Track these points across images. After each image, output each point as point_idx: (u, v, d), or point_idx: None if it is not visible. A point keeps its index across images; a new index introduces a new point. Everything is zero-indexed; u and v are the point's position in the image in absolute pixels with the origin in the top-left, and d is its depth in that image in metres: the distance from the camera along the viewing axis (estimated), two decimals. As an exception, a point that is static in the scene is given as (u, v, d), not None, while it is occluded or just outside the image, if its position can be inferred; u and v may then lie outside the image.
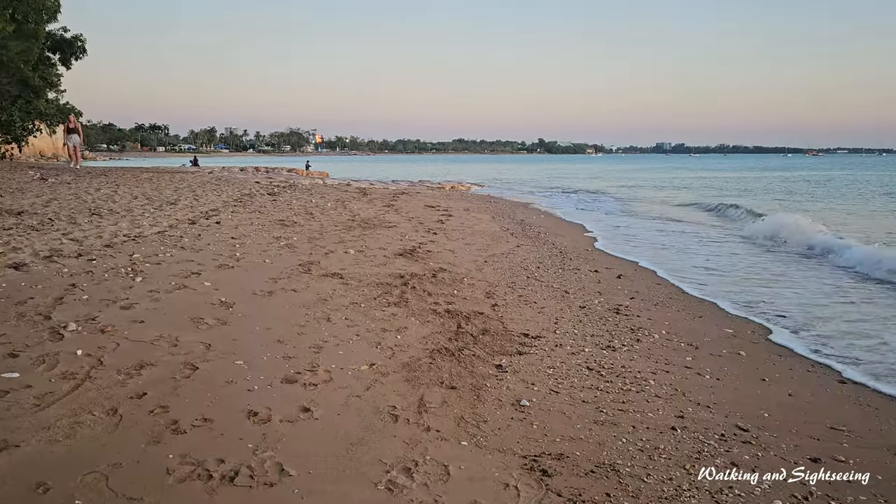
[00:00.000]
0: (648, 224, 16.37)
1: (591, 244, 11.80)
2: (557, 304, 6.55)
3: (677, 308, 6.83)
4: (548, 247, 10.76)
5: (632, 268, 9.28)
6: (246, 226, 10.09)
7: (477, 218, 14.49)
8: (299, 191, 18.74)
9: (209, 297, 5.53)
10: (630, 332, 5.61)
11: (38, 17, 26.59)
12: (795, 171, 65.94)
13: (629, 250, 11.25)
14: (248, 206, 13.06)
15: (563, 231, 13.55)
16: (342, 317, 5.30)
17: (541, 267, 8.65)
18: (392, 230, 11.14)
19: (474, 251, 9.61)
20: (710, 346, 5.41)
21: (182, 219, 10.18)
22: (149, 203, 11.97)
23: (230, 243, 8.27)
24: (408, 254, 8.69)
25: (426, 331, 5.13)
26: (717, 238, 13.54)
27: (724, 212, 19.16)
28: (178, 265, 6.68)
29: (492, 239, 11.11)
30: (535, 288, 7.26)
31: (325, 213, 12.94)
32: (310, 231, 10.11)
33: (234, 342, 4.40)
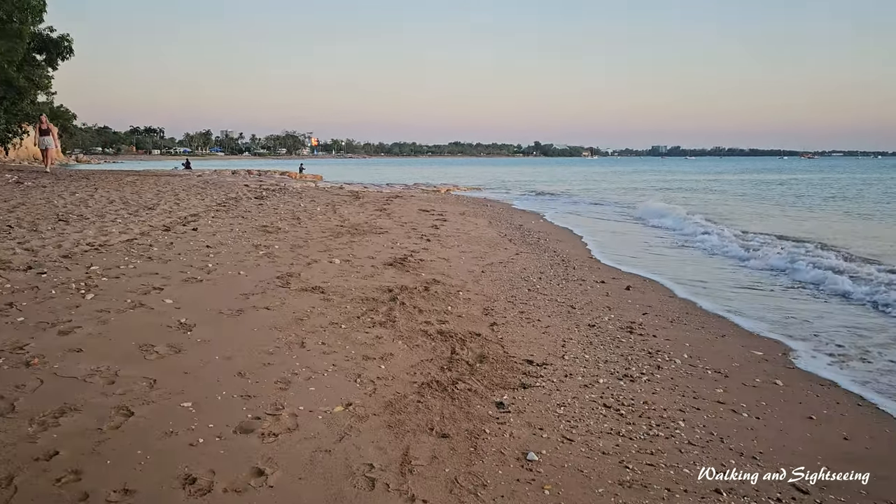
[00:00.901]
0: (647, 230, 15.72)
1: (592, 252, 11.12)
2: (563, 321, 5.87)
3: (696, 325, 6.15)
4: (549, 254, 10.08)
5: (639, 278, 8.61)
6: (225, 232, 9.39)
7: (473, 223, 13.81)
8: (289, 194, 18.04)
9: (167, 317, 4.83)
10: (648, 357, 4.93)
11: (23, 17, 25.85)
12: (774, 174, 65.32)
13: (631, 256, 10.59)
14: (232, 211, 12.35)
15: (563, 237, 12.87)
16: (318, 341, 4.60)
17: (543, 277, 7.97)
18: (383, 237, 10.45)
19: (470, 259, 8.92)
20: (741, 373, 4.73)
21: (157, 225, 9.46)
22: (124, 208, 11.25)
23: (203, 253, 7.57)
24: (398, 263, 8.01)
25: (415, 358, 4.44)
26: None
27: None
28: (139, 279, 5.98)
29: (489, 246, 10.43)
30: (538, 302, 6.58)
31: (313, 219, 12.24)
32: (294, 238, 9.41)
33: (185, 377, 3.70)
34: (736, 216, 19.07)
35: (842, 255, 10.54)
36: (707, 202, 25.91)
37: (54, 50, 27.83)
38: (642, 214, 18.32)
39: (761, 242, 11.99)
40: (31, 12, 26.14)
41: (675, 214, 16.92)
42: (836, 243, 12.28)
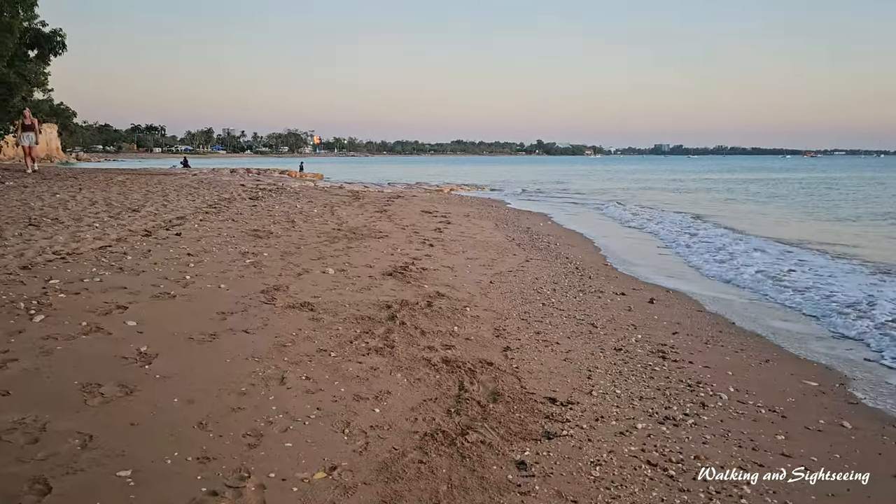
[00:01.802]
0: (662, 233, 14.98)
1: (607, 258, 10.40)
2: (585, 344, 5.15)
3: (734, 347, 5.43)
4: (561, 261, 9.36)
5: (661, 289, 7.88)
6: (211, 237, 8.68)
7: (479, 226, 13.09)
8: (286, 195, 17.34)
9: (125, 345, 4.12)
10: (689, 391, 4.21)
11: (13, 11, 25.16)
12: (768, 173, 64.61)
13: (649, 263, 9.87)
14: (222, 214, 11.65)
15: (573, 241, 12.14)
16: (302, 375, 3.89)
17: (557, 289, 7.25)
18: (383, 241, 9.74)
19: (477, 268, 8.20)
20: (799, 411, 4.01)
21: (137, 229, 8.76)
22: (106, 210, 10.55)
23: (183, 262, 6.86)
24: (399, 273, 7.29)
25: (416, 396, 3.73)
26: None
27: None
28: (103, 295, 5.27)
29: (497, 251, 9.71)
30: (555, 319, 5.86)
31: (309, 221, 11.53)
32: (285, 244, 8.69)
33: (131, 431, 2.99)
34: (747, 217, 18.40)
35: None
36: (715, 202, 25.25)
37: (46, 45, 27.13)
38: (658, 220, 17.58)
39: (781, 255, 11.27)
40: (21, 6, 25.48)
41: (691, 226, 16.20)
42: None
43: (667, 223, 15.97)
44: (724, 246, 11.70)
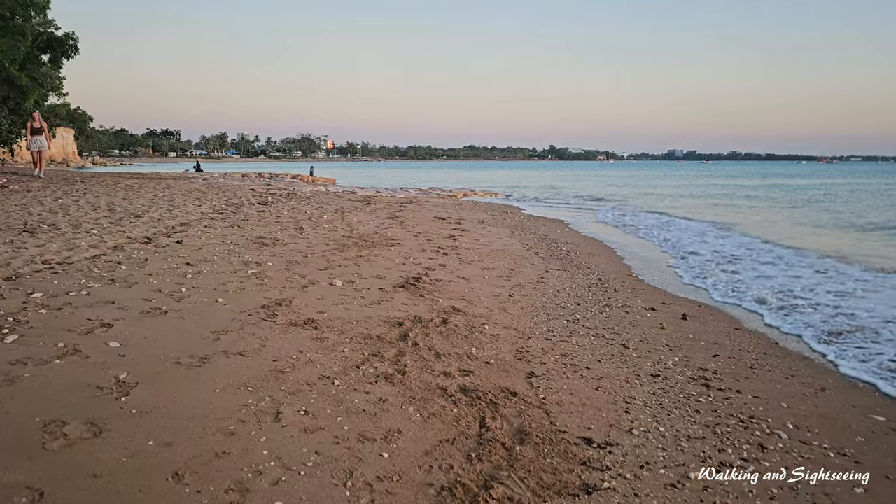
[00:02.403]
0: (685, 240, 14.38)
1: (631, 268, 9.85)
2: (618, 369, 4.63)
3: (783, 372, 4.89)
4: (582, 272, 8.83)
5: (693, 304, 7.34)
6: (214, 245, 8.24)
7: (494, 233, 12.58)
8: (296, 199, 16.94)
9: (103, 371, 3.66)
10: (742, 429, 3.67)
11: (25, 14, 25.03)
12: (789, 178, 63.48)
13: (676, 274, 9.31)
14: (229, 220, 11.22)
15: (594, 250, 11.60)
16: (300, 408, 3.40)
17: (582, 303, 6.73)
18: (394, 250, 9.27)
19: (495, 279, 7.70)
20: (872, 453, 3.46)
21: (137, 236, 8.34)
22: (108, 215, 10.15)
23: (181, 273, 6.41)
24: (411, 284, 6.81)
25: (431, 436, 3.23)
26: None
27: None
28: (88, 310, 4.82)
29: (514, 261, 9.20)
30: (582, 339, 5.34)
31: (318, 228, 11.08)
32: (292, 252, 8.24)
33: (93, 484, 2.51)
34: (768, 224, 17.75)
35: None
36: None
37: (59, 49, 26.95)
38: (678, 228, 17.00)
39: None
40: (34, 9, 25.34)
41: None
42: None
43: (692, 232, 15.38)
44: (756, 257, 11.12)
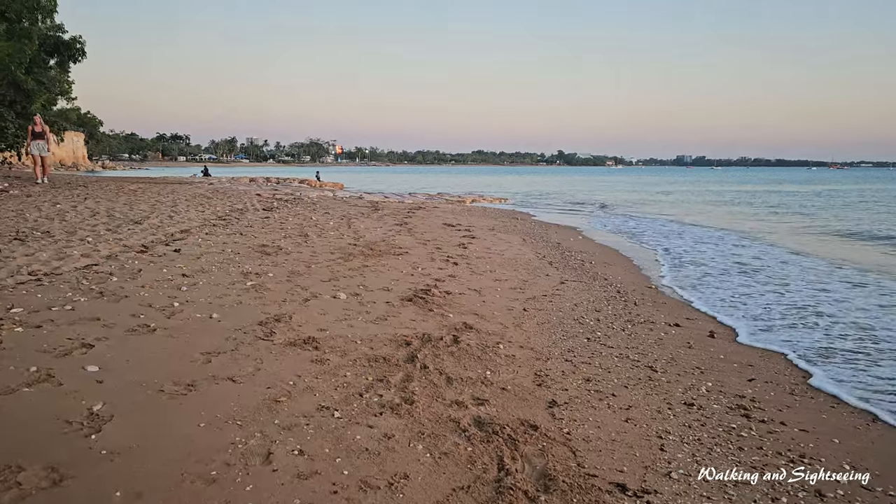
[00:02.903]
0: (707, 249, 13.91)
1: (650, 279, 9.41)
2: (648, 396, 4.21)
3: (827, 401, 4.45)
4: (599, 283, 8.40)
5: (719, 321, 6.90)
6: (213, 255, 7.87)
7: (506, 241, 12.17)
8: (302, 205, 16.59)
9: (75, 401, 3.27)
10: (794, 470, 3.25)
11: (32, 18, 24.89)
12: (804, 185, 62.70)
13: (699, 285, 8.86)
14: (231, 226, 10.87)
15: (609, 258, 11.17)
16: (294, 447, 3.00)
17: (601, 319, 6.31)
18: (402, 259, 8.87)
19: (508, 291, 7.29)
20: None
21: (134, 244, 7.98)
22: (107, 222, 9.82)
23: (175, 284, 6.03)
24: (419, 297, 6.41)
25: (443, 482, 2.82)
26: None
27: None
28: (69, 328, 4.44)
29: (528, 271, 8.79)
30: (605, 360, 4.92)
31: (323, 235, 10.71)
32: (294, 262, 7.86)
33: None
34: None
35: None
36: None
37: (66, 52, 26.84)
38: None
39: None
40: (41, 13, 25.20)
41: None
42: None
43: (710, 240, 14.91)
44: (781, 268, 10.66)
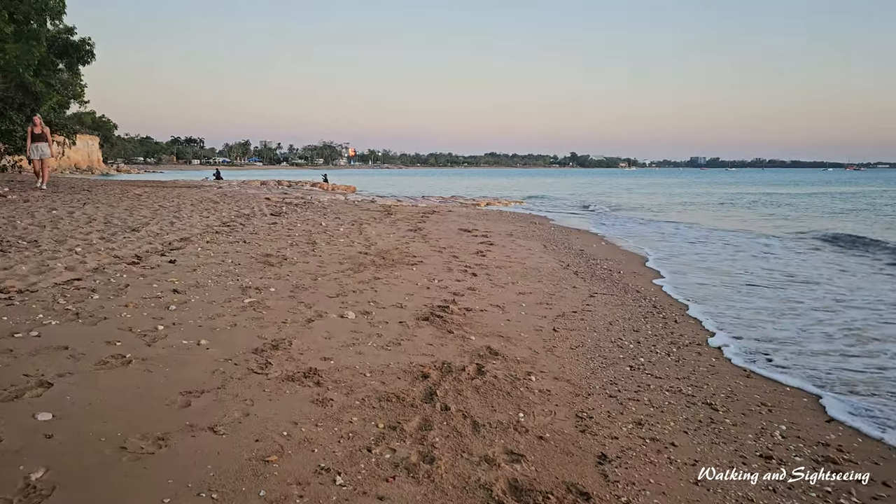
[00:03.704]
0: (736, 257, 13.10)
1: (685, 292, 8.66)
2: (714, 446, 3.48)
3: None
4: (632, 296, 7.68)
5: (770, 339, 6.16)
6: (211, 265, 7.24)
7: (526, 248, 11.47)
8: (312, 210, 15.98)
9: (11, 468, 2.62)
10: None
11: (41, 19, 24.53)
12: (827, 186, 61.27)
13: (740, 302, 8.10)
14: (235, 233, 10.25)
15: (637, 268, 10.41)
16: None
17: (641, 341, 5.59)
18: (417, 269, 8.21)
19: (533, 306, 6.60)
20: None
21: (126, 255, 7.37)
22: (103, 229, 9.23)
23: (164, 302, 5.39)
24: (437, 316, 5.73)
25: (475, 589, 2.14)
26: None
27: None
28: (29, 360, 3.80)
29: (552, 282, 8.08)
30: (655, 395, 4.21)
31: (332, 242, 10.07)
32: (300, 274, 7.21)
33: None
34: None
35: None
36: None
37: (75, 54, 26.47)
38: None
39: None
40: (49, 14, 24.84)
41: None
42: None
43: (746, 248, 14.10)
44: (838, 278, 9.86)
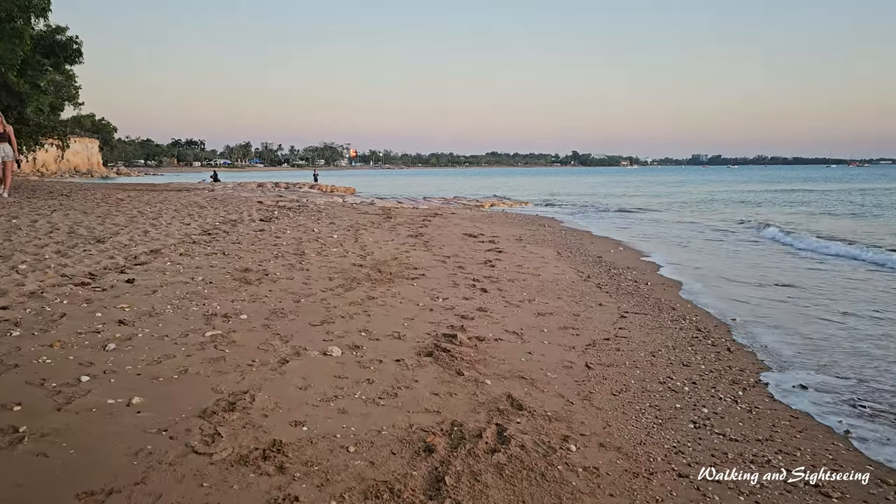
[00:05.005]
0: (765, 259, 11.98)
1: (724, 308, 7.55)
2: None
3: None
4: (668, 315, 6.59)
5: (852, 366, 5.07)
6: (177, 286, 6.15)
7: (538, 255, 10.37)
8: (306, 214, 14.91)
9: None
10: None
11: (24, 17, 23.49)
12: (840, 183, 59.98)
13: (786, 308, 6.99)
14: (215, 243, 9.17)
15: (664, 279, 9.30)
16: None
17: (697, 381, 4.49)
18: (418, 284, 7.13)
19: (557, 332, 5.51)
20: None
21: (78, 272, 6.29)
22: (63, 241, 8.16)
23: (101, 339, 4.30)
24: (442, 350, 4.64)
25: None
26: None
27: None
28: None
29: (574, 298, 7.00)
30: (742, 474, 3.10)
31: (324, 252, 8.99)
32: (280, 294, 6.12)
33: None
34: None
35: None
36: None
37: (61, 53, 25.44)
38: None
39: None
40: (34, 11, 23.80)
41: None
42: None
43: (777, 251, 12.99)
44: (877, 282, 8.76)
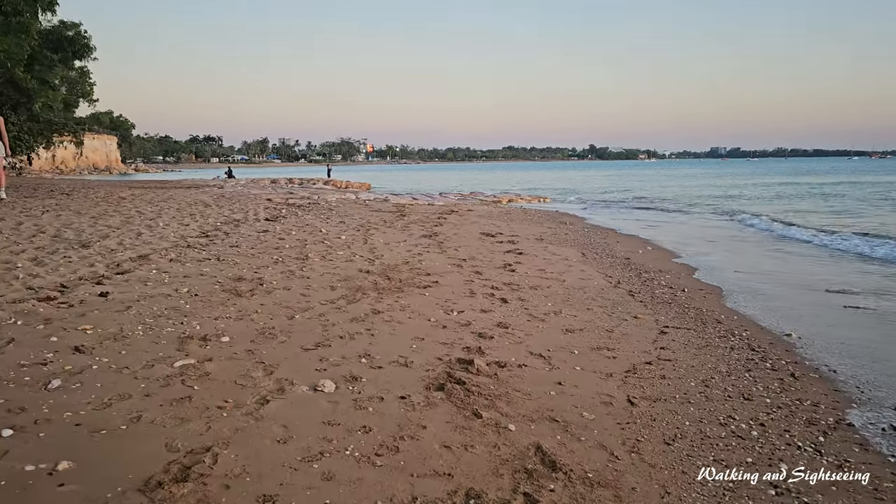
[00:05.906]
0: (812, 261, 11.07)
1: (774, 321, 6.70)
2: None
3: None
4: (713, 329, 5.77)
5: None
6: (157, 299, 5.45)
7: (561, 257, 9.57)
8: (315, 212, 14.21)
9: None
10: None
11: (31, 10, 23.06)
12: (871, 175, 58.13)
13: (847, 317, 6.13)
14: (212, 246, 8.48)
15: (701, 284, 8.46)
16: None
17: (764, 420, 3.68)
18: (430, 293, 6.38)
19: (590, 354, 4.73)
20: None
21: (48, 284, 5.61)
22: (44, 247, 7.50)
23: (46, 374, 3.58)
24: (455, 382, 3.89)
25: None
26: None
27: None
28: None
29: (605, 310, 6.20)
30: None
31: (329, 256, 8.27)
32: (273, 308, 5.40)
33: None
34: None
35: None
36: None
37: (70, 48, 25.02)
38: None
39: None
40: (40, 5, 23.37)
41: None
42: None
43: (827, 248, 12.09)
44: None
